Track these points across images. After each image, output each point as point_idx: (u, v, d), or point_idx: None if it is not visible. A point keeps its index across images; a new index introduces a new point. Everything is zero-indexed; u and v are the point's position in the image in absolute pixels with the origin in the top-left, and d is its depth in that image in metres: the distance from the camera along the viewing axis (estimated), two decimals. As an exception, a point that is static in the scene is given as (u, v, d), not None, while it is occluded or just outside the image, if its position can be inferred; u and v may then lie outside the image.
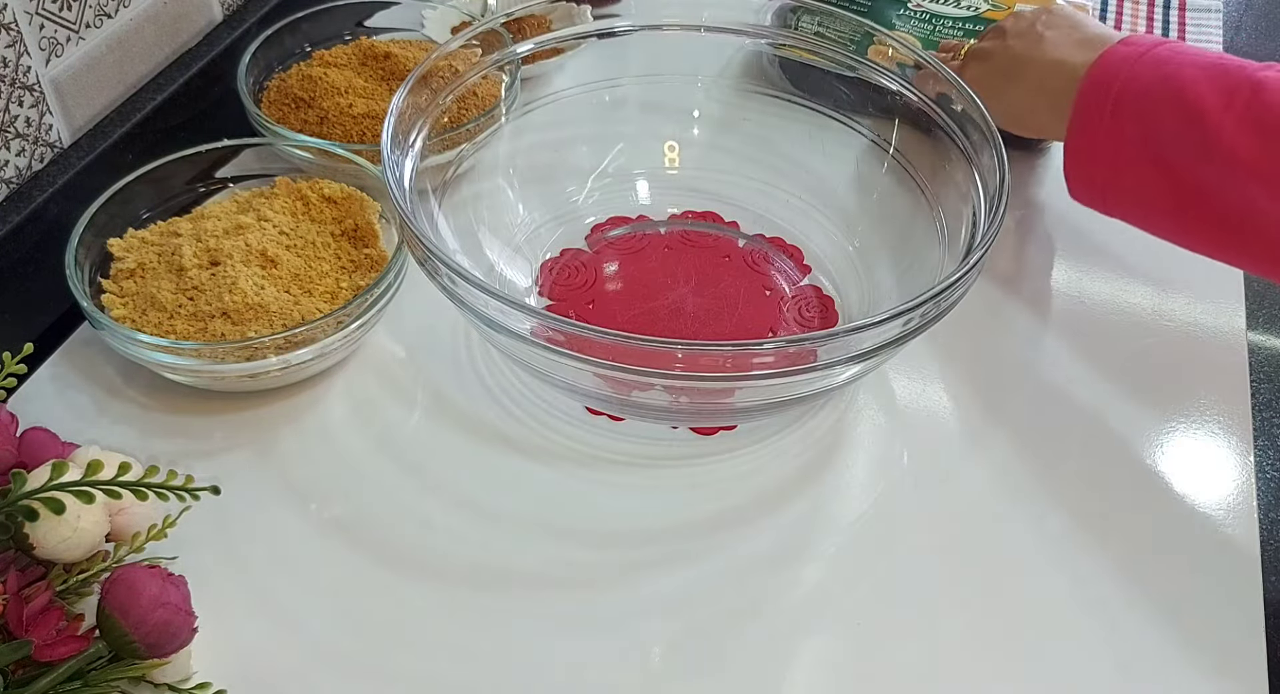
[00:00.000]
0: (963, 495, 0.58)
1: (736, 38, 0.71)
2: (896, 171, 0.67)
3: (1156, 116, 0.57)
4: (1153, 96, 0.57)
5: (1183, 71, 0.57)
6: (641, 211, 0.72)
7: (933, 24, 0.83)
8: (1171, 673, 0.51)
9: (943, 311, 0.53)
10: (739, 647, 0.52)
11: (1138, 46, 0.60)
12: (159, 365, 0.58)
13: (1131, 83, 0.58)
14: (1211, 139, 0.55)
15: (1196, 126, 0.56)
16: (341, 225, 0.66)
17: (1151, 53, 0.59)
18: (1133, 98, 0.58)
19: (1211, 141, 0.55)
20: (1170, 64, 0.57)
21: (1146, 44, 0.60)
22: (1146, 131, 0.58)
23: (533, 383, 0.62)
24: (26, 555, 0.47)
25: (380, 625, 0.52)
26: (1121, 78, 0.59)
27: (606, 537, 0.56)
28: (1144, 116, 0.57)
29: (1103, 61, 0.60)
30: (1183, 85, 0.56)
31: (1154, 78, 0.57)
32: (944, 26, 0.83)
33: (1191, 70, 0.56)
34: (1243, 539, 0.56)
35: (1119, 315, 0.68)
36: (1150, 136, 0.57)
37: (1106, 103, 0.59)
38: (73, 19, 0.67)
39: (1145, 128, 0.57)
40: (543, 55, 0.74)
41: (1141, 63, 0.58)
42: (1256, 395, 0.64)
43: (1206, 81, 0.56)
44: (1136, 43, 0.61)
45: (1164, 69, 0.57)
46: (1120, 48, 0.60)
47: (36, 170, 0.67)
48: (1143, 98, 0.58)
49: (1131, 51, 0.59)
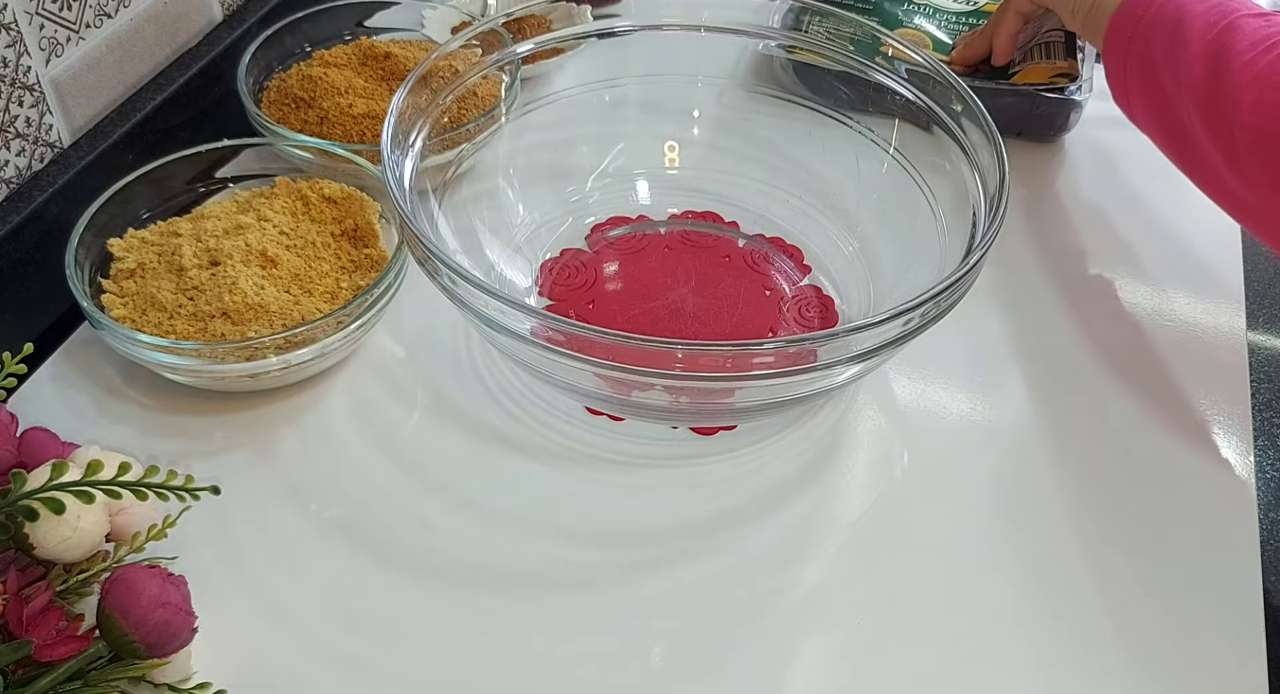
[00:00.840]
0: (962, 495, 0.58)
1: (737, 38, 0.71)
2: (896, 171, 0.67)
3: (1155, 50, 0.63)
4: (1159, 32, 0.63)
5: (1190, 6, 0.62)
6: (641, 211, 0.72)
7: (936, 19, 0.83)
8: (1172, 673, 0.51)
9: (943, 312, 0.53)
10: (739, 647, 0.52)
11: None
12: (159, 365, 0.58)
13: (1144, 20, 0.64)
14: (1183, 69, 0.60)
15: (1181, 57, 0.61)
16: (341, 225, 0.66)
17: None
18: (1143, 33, 0.64)
19: (1183, 72, 0.60)
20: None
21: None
22: (1150, 62, 0.64)
23: (533, 383, 0.62)
24: (26, 555, 0.47)
25: (380, 625, 0.52)
26: (1137, 14, 0.65)
27: (606, 537, 0.56)
28: (1149, 51, 0.64)
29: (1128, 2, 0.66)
30: (1181, 18, 0.62)
31: (1165, 12, 0.63)
32: (948, 21, 0.83)
33: (1198, 5, 0.62)
34: (1243, 539, 0.56)
35: (1119, 315, 0.68)
36: (1151, 67, 0.64)
37: (1125, 34, 0.66)
38: (73, 19, 0.67)
39: (1149, 60, 0.64)
40: (543, 55, 0.74)
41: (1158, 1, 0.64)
42: (1256, 395, 0.64)
43: (1200, 17, 0.61)
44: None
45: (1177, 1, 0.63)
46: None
47: (36, 170, 0.67)
48: (1150, 33, 0.64)
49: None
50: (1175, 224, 0.74)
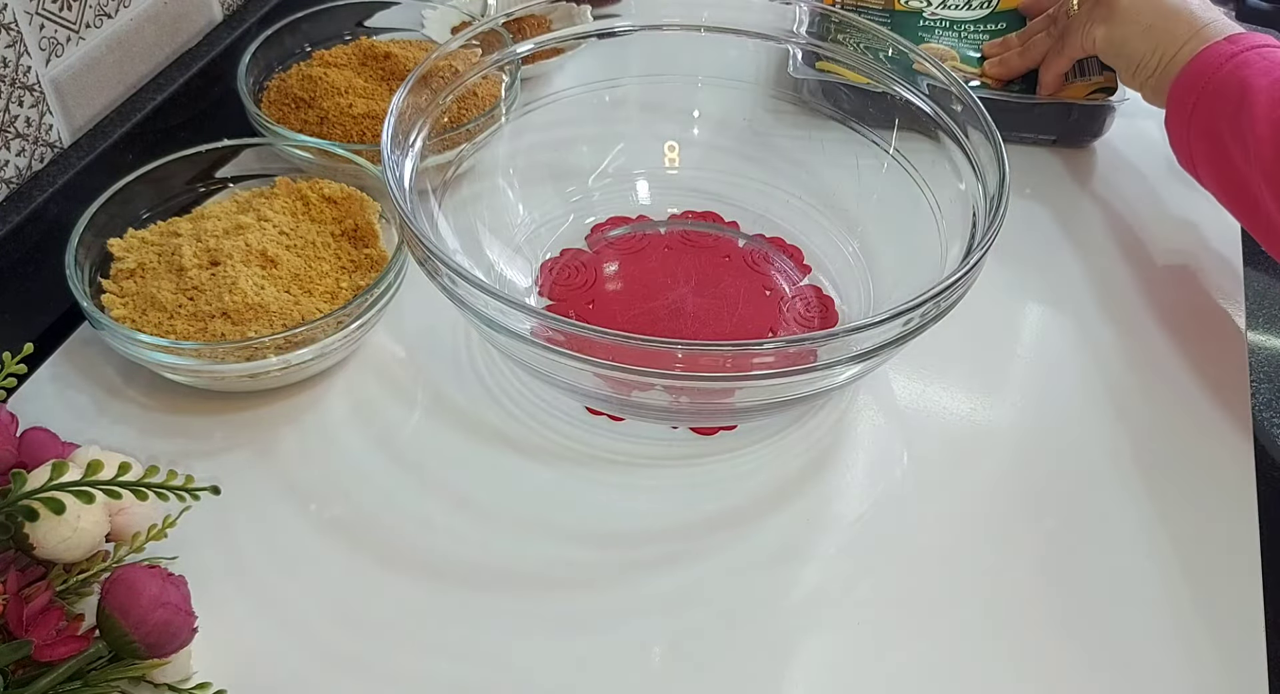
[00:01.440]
0: (962, 495, 0.58)
1: (737, 38, 0.71)
2: (896, 171, 0.67)
3: (1221, 124, 0.63)
4: (1224, 98, 0.64)
5: (1256, 80, 0.62)
6: (641, 211, 0.72)
7: (956, 32, 0.82)
8: (1171, 673, 0.51)
9: (943, 311, 0.53)
10: (739, 647, 0.52)
11: (1239, 44, 0.65)
12: (159, 365, 0.58)
13: (1212, 81, 0.64)
14: (1252, 147, 0.60)
15: (1248, 134, 0.61)
16: (341, 225, 0.66)
17: (1242, 56, 0.64)
18: (1211, 95, 0.64)
19: (1251, 149, 0.60)
20: (1249, 68, 0.63)
21: (1247, 44, 0.65)
22: (1215, 125, 0.64)
23: (533, 383, 0.62)
24: (26, 555, 0.47)
25: (380, 625, 0.52)
26: (1207, 75, 0.65)
27: (606, 537, 0.56)
28: (1214, 112, 0.64)
29: (1206, 54, 0.66)
30: (1249, 92, 0.62)
31: (1230, 81, 0.64)
32: (967, 32, 0.82)
33: (1264, 80, 0.62)
34: (1243, 539, 0.56)
35: (1119, 315, 0.68)
36: (1218, 140, 0.64)
37: (1191, 95, 0.66)
38: (73, 19, 0.67)
39: (1214, 121, 0.64)
40: (543, 55, 0.74)
41: (1230, 63, 0.64)
42: (1256, 395, 0.64)
43: (1264, 92, 0.61)
44: (1240, 40, 0.65)
45: (1241, 74, 0.63)
46: (1224, 44, 0.66)
47: (36, 170, 0.67)
48: (1217, 98, 0.64)
49: (1231, 49, 0.65)
50: (1175, 225, 0.74)
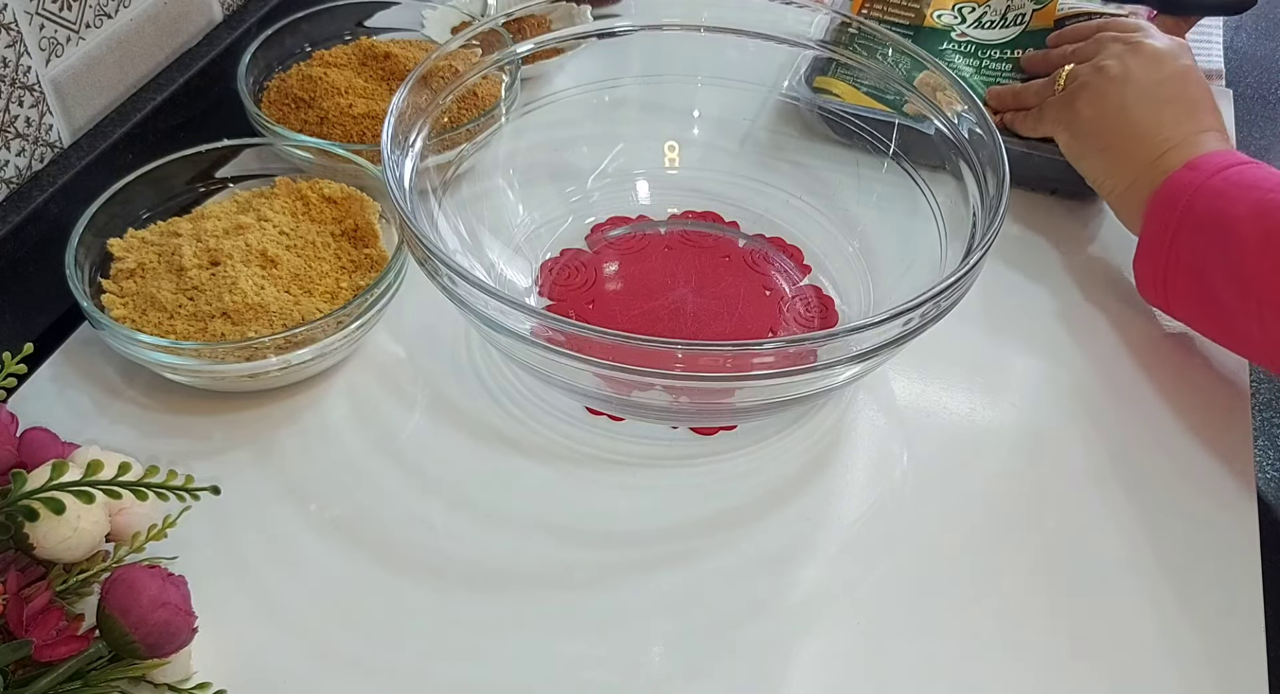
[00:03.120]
0: (962, 495, 0.58)
1: (737, 38, 0.71)
2: (896, 172, 0.67)
3: (1208, 251, 0.60)
4: (1205, 232, 0.60)
5: (1232, 215, 0.59)
6: (641, 211, 0.72)
7: (979, 57, 0.80)
8: (1172, 673, 0.51)
9: (943, 312, 0.53)
10: (739, 646, 0.52)
11: (1200, 172, 0.62)
12: (159, 365, 0.58)
13: (1189, 215, 0.61)
14: (1250, 280, 0.58)
15: (1237, 264, 0.58)
16: (341, 225, 0.66)
17: (1208, 184, 0.61)
18: (1190, 230, 0.61)
19: (1250, 282, 0.58)
20: (1224, 199, 0.60)
21: (1209, 170, 0.62)
22: (1199, 264, 0.61)
23: (533, 383, 0.62)
24: (26, 555, 0.47)
25: (380, 625, 0.52)
26: (1180, 208, 0.61)
27: (606, 537, 0.56)
28: (1198, 249, 0.61)
29: (1167, 187, 0.63)
30: (1230, 225, 0.59)
31: (1208, 214, 0.60)
32: (991, 58, 0.80)
33: (1242, 207, 0.59)
34: (1243, 539, 0.56)
35: (1119, 315, 0.68)
36: (1202, 269, 0.60)
37: (1168, 231, 0.62)
38: (73, 19, 0.67)
39: (1198, 261, 0.61)
40: (543, 55, 0.74)
41: (1200, 195, 0.61)
42: (1256, 395, 0.64)
43: (1254, 230, 0.58)
44: (1200, 166, 0.62)
45: (1218, 205, 0.60)
46: (1184, 174, 0.62)
47: (36, 170, 0.67)
48: (1198, 232, 0.61)
49: (1195, 178, 0.62)
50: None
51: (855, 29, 0.68)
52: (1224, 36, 0.91)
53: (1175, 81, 0.67)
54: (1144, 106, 0.66)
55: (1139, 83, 0.67)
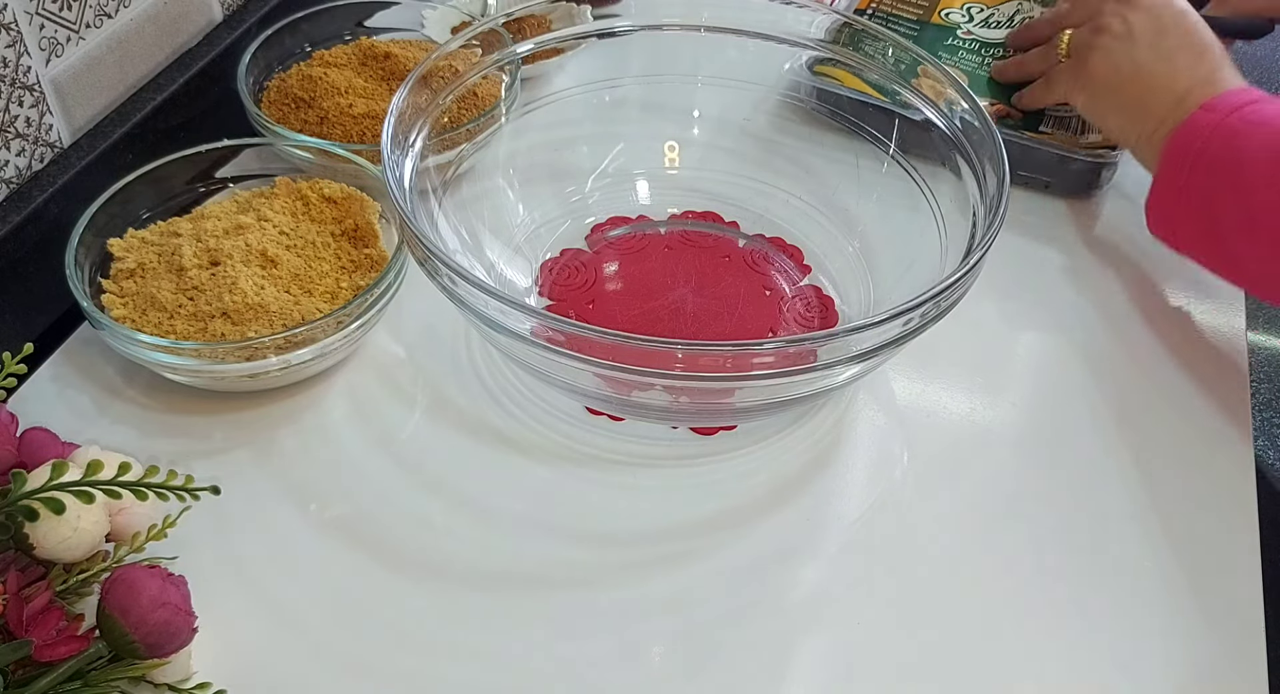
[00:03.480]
0: (962, 495, 0.58)
1: (737, 38, 0.71)
2: (896, 171, 0.67)
3: (1219, 191, 0.61)
4: (1219, 173, 0.61)
5: (1246, 151, 0.60)
6: (641, 211, 0.72)
7: (981, 55, 0.80)
8: (1172, 673, 0.51)
9: (943, 312, 0.53)
10: (739, 647, 0.52)
11: (1217, 112, 0.63)
12: (159, 365, 0.58)
13: (1203, 156, 0.62)
14: (1257, 216, 0.59)
15: (1246, 201, 0.59)
16: (341, 225, 0.66)
17: (1225, 123, 0.62)
18: (1204, 172, 0.62)
19: (1257, 218, 0.59)
20: (1240, 137, 0.61)
21: (1225, 110, 0.62)
22: (1211, 203, 0.62)
23: (533, 383, 0.62)
24: (26, 555, 0.47)
25: (380, 625, 0.52)
26: (1194, 150, 0.62)
27: (606, 537, 0.56)
28: (1210, 191, 0.62)
29: (1184, 130, 0.64)
30: (1244, 164, 0.60)
31: (1223, 153, 0.61)
32: (993, 57, 0.80)
33: (1255, 145, 0.60)
34: (1243, 540, 0.56)
35: (1119, 315, 0.68)
36: (1213, 211, 0.62)
37: (1182, 174, 0.63)
38: (73, 19, 0.67)
39: (1210, 200, 0.62)
40: (543, 55, 0.74)
41: (1216, 135, 0.62)
42: (1256, 395, 0.64)
43: (1266, 163, 0.59)
44: (1217, 107, 0.63)
45: (1234, 143, 0.61)
46: (1201, 115, 0.63)
47: (36, 170, 0.67)
48: (1211, 173, 0.62)
49: (1211, 119, 0.63)
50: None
51: (857, 28, 0.68)
52: (1224, 36, 0.91)
53: (1178, 28, 0.67)
54: (1155, 58, 0.67)
55: (1145, 36, 0.68)
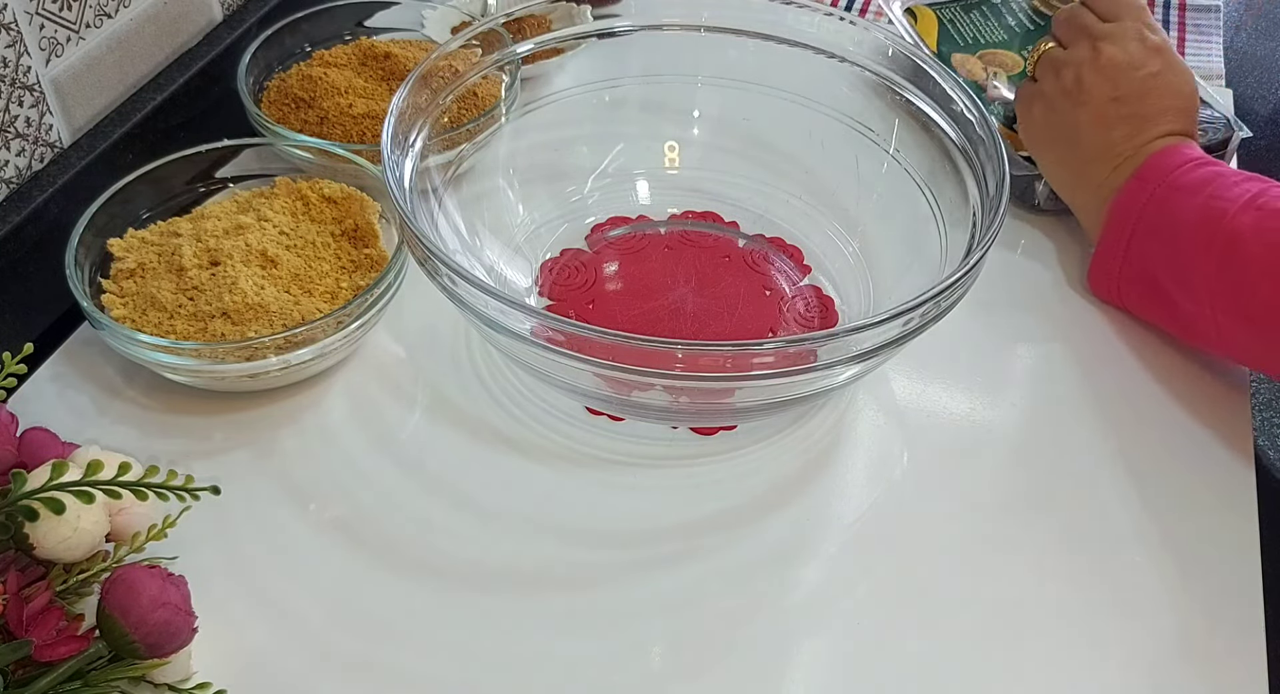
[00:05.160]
0: (962, 495, 0.58)
1: (737, 38, 0.71)
2: (896, 171, 0.67)
3: (1159, 259, 0.63)
4: (1156, 241, 0.62)
5: (1179, 215, 0.61)
6: (641, 211, 0.72)
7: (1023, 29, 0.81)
8: (1172, 673, 0.51)
9: (943, 311, 0.53)
10: (739, 647, 0.52)
11: (1148, 181, 0.63)
12: (159, 365, 0.59)
13: (1140, 225, 0.63)
14: (1199, 287, 0.60)
15: (1188, 271, 0.60)
16: (341, 225, 0.66)
17: (1156, 193, 0.63)
18: (1141, 240, 0.63)
19: (1199, 289, 0.60)
20: (1169, 205, 0.62)
21: (1156, 177, 0.63)
22: (1152, 270, 0.63)
23: (533, 383, 0.62)
24: (26, 555, 0.47)
25: (380, 625, 0.52)
26: (1131, 222, 0.64)
27: (606, 537, 0.56)
28: (1149, 258, 0.63)
29: (1117, 203, 0.65)
30: (1177, 231, 0.61)
31: (1157, 222, 0.62)
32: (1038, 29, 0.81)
33: (1187, 213, 0.61)
34: (1243, 539, 0.56)
35: (1119, 315, 0.68)
36: (1155, 276, 0.63)
37: (1121, 242, 0.65)
38: (73, 19, 0.67)
39: (1150, 267, 0.63)
40: (543, 55, 0.74)
41: (1150, 204, 0.63)
42: (1256, 395, 0.64)
43: (1195, 228, 0.60)
44: (1146, 176, 0.64)
45: (1164, 210, 0.62)
46: (1132, 185, 0.64)
47: (36, 170, 0.67)
48: (1148, 242, 0.63)
49: (1143, 188, 0.63)
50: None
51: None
52: (1224, 36, 0.91)
53: (1131, 99, 0.66)
54: (1095, 128, 0.66)
55: (1093, 102, 0.66)
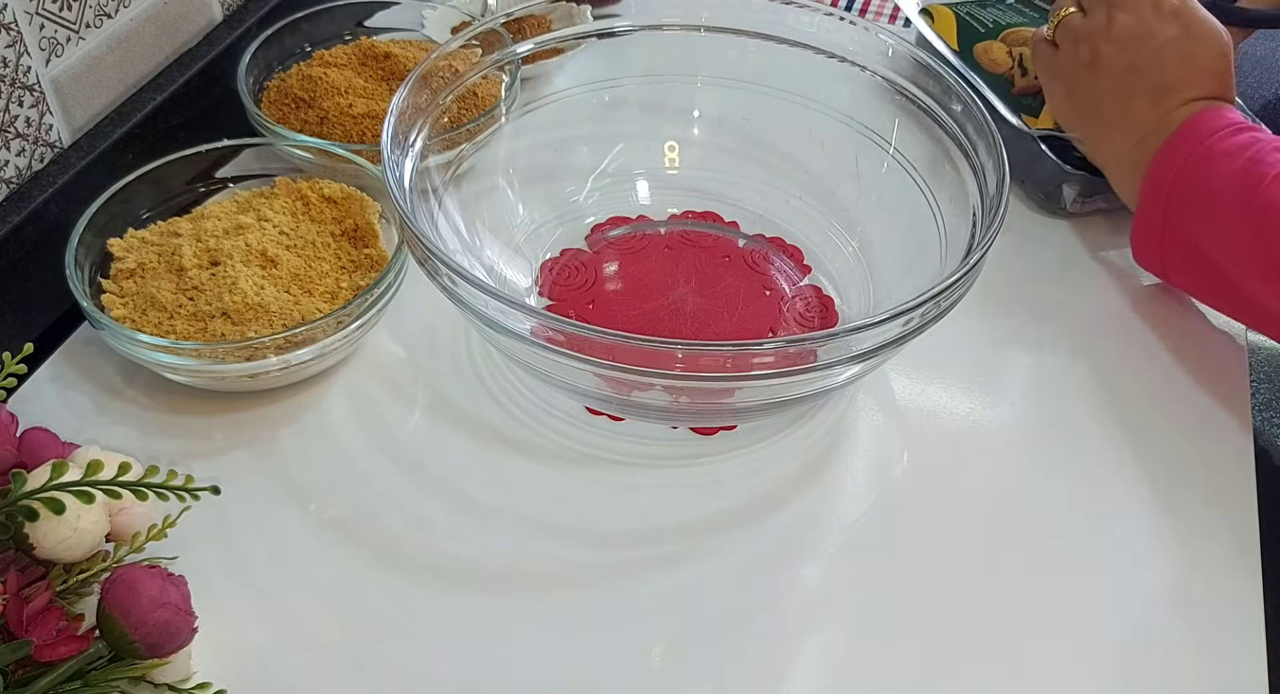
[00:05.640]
0: (962, 495, 0.58)
1: (737, 38, 0.71)
2: (896, 171, 0.67)
3: (1199, 227, 0.62)
4: (1194, 208, 0.62)
5: (1214, 183, 0.60)
6: (641, 211, 0.72)
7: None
8: (1172, 674, 0.51)
9: (943, 311, 0.53)
10: (739, 647, 0.52)
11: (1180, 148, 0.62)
12: (159, 365, 0.58)
13: (1175, 193, 0.62)
14: (1242, 256, 0.59)
15: (1228, 238, 0.59)
16: (341, 225, 0.66)
17: (1190, 159, 0.62)
18: (1178, 208, 0.62)
19: (1243, 258, 0.59)
20: (1204, 173, 0.61)
21: (1191, 143, 0.62)
22: (1194, 237, 0.62)
23: (533, 383, 0.62)
24: (26, 555, 0.47)
25: (380, 625, 0.52)
26: (1165, 189, 0.63)
27: (606, 537, 0.56)
28: (1188, 225, 0.62)
29: (1152, 171, 0.64)
30: (1214, 198, 0.60)
31: (1193, 189, 0.61)
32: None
33: (1221, 181, 0.60)
34: (1243, 539, 0.56)
35: (1119, 315, 0.68)
36: (1198, 243, 0.62)
37: (1158, 209, 0.63)
38: (73, 19, 0.67)
39: (1192, 234, 0.62)
40: (543, 55, 0.74)
41: (1184, 172, 0.62)
42: (1256, 395, 0.64)
43: (1234, 196, 0.59)
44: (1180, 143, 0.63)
45: (1200, 178, 0.61)
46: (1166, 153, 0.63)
47: (36, 170, 0.67)
48: (1186, 209, 0.62)
49: (1177, 154, 0.62)
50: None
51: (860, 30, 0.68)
52: (1224, 36, 0.91)
53: (1149, 67, 0.65)
54: (1116, 99, 0.66)
55: (1111, 73, 0.66)
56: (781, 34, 0.70)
